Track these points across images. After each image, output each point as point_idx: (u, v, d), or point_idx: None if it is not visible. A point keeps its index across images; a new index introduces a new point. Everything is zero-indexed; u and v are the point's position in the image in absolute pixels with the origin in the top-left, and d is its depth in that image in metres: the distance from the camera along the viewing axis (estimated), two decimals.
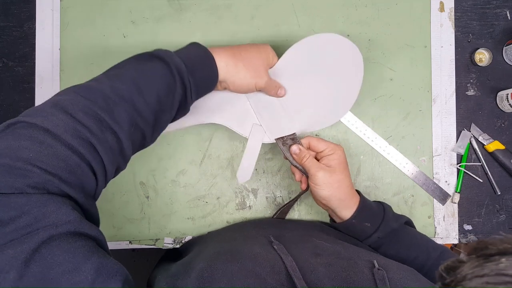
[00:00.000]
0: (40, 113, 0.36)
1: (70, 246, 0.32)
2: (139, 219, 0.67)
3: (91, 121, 0.37)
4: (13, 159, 0.33)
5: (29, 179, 0.32)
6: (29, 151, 0.33)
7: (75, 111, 0.36)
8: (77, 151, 0.35)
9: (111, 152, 0.38)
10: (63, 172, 0.34)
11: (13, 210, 0.31)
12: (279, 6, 0.68)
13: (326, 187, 0.54)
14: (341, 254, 0.46)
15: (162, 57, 0.44)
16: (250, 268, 0.41)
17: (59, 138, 0.35)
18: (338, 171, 0.55)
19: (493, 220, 0.69)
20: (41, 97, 0.66)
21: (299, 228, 0.57)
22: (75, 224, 0.33)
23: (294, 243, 0.49)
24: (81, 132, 0.36)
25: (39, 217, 0.31)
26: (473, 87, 0.69)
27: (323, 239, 0.51)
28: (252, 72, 0.53)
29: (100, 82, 0.41)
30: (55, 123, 0.35)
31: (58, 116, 0.36)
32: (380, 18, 0.68)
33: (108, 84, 0.40)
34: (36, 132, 0.34)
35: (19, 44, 0.67)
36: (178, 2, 0.67)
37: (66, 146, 0.35)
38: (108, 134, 0.38)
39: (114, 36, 0.67)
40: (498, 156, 0.68)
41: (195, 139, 0.67)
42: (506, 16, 0.69)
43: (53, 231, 0.31)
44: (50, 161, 0.34)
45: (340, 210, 0.56)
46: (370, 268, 0.42)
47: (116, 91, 0.40)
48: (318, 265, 0.43)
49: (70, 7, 0.67)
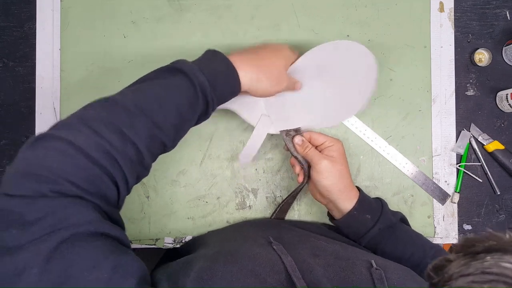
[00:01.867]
0: (66, 126, 0.39)
1: (89, 245, 0.34)
2: (139, 219, 0.67)
3: (112, 135, 0.39)
4: (40, 168, 0.36)
5: (53, 185, 0.35)
6: (53, 161, 0.36)
7: (98, 125, 0.39)
8: (98, 163, 0.38)
9: (132, 163, 0.41)
10: (83, 182, 0.37)
11: (39, 212, 0.34)
12: (279, 6, 0.68)
13: (329, 176, 0.56)
14: (340, 254, 0.46)
15: (186, 73, 0.45)
16: (249, 268, 0.41)
17: (82, 151, 0.37)
18: (339, 162, 0.57)
19: (492, 220, 0.69)
20: (41, 97, 0.67)
21: (298, 229, 0.58)
22: (95, 224, 0.35)
23: (293, 243, 0.49)
24: (103, 145, 0.38)
25: (62, 218, 0.34)
26: (473, 87, 0.69)
27: (322, 240, 0.52)
28: (273, 81, 0.54)
29: (124, 95, 0.43)
30: (79, 136, 0.38)
31: (82, 130, 0.38)
32: (380, 18, 0.68)
33: (131, 98, 0.43)
34: (61, 145, 0.37)
35: (19, 44, 0.67)
36: (178, 2, 0.68)
37: (87, 158, 0.37)
38: (129, 146, 0.40)
39: (114, 36, 0.67)
40: (497, 156, 0.68)
41: (195, 139, 0.67)
42: (506, 16, 0.69)
43: (74, 230, 0.33)
44: (72, 170, 0.37)
45: (340, 202, 0.57)
46: (368, 268, 0.43)
47: (138, 105, 0.42)
48: (317, 265, 0.43)
49: (71, 8, 0.67)
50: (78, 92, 0.67)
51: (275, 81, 0.54)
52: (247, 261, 0.42)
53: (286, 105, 0.61)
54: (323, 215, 0.67)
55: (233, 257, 0.43)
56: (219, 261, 0.42)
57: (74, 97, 0.67)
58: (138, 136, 0.41)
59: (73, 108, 0.68)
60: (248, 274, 0.40)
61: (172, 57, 0.67)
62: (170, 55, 0.67)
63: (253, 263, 0.42)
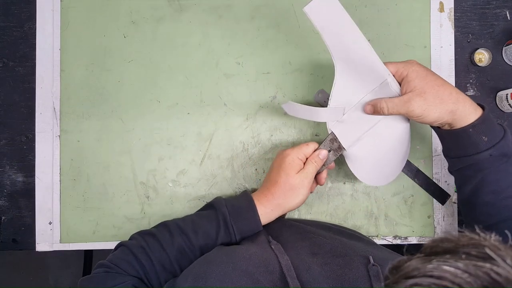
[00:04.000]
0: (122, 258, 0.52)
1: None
2: (140, 219, 0.67)
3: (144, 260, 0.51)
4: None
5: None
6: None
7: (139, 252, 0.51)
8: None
9: (163, 268, 0.51)
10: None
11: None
12: (279, 6, 0.68)
13: (430, 111, 0.49)
14: (338, 251, 0.47)
15: (213, 206, 0.57)
16: (243, 268, 0.42)
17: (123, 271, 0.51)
18: (427, 88, 0.49)
19: None
20: (41, 97, 0.67)
21: (298, 226, 0.58)
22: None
23: (291, 242, 0.50)
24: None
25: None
26: (473, 87, 0.69)
27: (322, 236, 0.52)
28: (289, 205, 0.56)
29: (173, 221, 0.56)
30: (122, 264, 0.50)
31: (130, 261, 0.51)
32: (380, 18, 0.68)
33: (175, 222, 0.55)
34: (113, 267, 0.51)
35: (19, 44, 0.67)
36: (178, 2, 0.68)
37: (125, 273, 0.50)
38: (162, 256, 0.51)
39: (115, 36, 0.67)
40: None
41: (195, 139, 0.67)
42: (506, 16, 0.69)
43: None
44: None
45: (457, 122, 0.50)
46: (366, 264, 0.43)
47: (178, 227, 0.54)
48: (314, 264, 0.44)
49: (71, 8, 0.67)
50: (78, 92, 0.67)
51: (290, 204, 0.56)
52: (242, 261, 0.43)
53: (358, 126, 0.56)
54: (323, 215, 0.67)
55: (228, 257, 0.44)
56: (215, 262, 0.44)
57: (74, 97, 0.67)
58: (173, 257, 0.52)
59: (73, 108, 0.68)
60: (242, 274, 0.41)
61: (172, 57, 0.68)
62: (170, 55, 0.67)
63: (247, 263, 0.43)
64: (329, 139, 0.58)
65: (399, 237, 0.68)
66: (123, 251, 0.51)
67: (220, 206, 0.55)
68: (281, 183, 0.56)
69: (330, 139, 0.58)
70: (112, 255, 0.52)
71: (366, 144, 0.57)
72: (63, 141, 0.67)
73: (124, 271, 0.49)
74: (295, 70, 0.68)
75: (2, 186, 0.68)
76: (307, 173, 0.55)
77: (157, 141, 0.67)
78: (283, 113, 0.67)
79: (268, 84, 0.68)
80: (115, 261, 0.50)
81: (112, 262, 0.50)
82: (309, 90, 0.67)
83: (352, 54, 0.52)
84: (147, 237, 0.53)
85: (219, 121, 0.67)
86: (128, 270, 0.49)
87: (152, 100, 0.67)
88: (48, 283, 1.47)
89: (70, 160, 0.67)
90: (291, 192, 0.55)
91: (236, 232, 0.53)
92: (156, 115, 0.67)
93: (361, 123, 0.56)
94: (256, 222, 0.55)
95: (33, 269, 1.47)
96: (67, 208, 0.66)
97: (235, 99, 0.67)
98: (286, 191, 0.55)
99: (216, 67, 0.67)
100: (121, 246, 0.53)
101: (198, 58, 0.67)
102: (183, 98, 0.67)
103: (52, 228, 0.66)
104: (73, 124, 0.67)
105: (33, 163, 0.67)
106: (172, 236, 0.52)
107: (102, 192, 0.67)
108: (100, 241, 0.66)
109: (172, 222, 0.55)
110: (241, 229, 0.54)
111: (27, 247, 0.67)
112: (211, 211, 0.56)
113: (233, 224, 0.53)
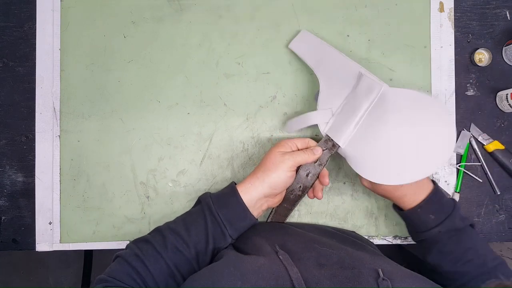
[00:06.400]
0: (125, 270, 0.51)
1: None
2: (140, 219, 0.67)
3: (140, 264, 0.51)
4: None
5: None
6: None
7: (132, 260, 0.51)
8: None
9: (160, 272, 0.51)
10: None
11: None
12: (279, 6, 0.68)
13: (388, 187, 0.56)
14: (345, 263, 0.46)
15: (200, 201, 0.57)
16: (253, 282, 0.41)
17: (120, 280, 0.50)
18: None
19: (492, 220, 0.69)
20: (41, 97, 0.67)
21: (301, 234, 0.57)
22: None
23: (297, 252, 0.49)
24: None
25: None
26: (473, 87, 0.69)
27: (327, 245, 0.51)
28: (268, 179, 0.56)
29: (165, 224, 0.56)
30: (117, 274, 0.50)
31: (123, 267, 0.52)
32: (380, 18, 0.68)
33: (167, 225, 0.56)
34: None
35: (19, 44, 0.67)
36: (178, 2, 0.68)
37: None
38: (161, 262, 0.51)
39: (115, 36, 0.67)
40: (497, 156, 0.68)
41: (195, 139, 0.67)
42: (506, 16, 0.70)
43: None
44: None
45: (405, 200, 0.57)
46: (375, 277, 0.42)
47: (170, 228, 0.54)
48: (323, 277, 0.43)
49: (71, 7, 0.67)
50: (78, 92, 0.67)
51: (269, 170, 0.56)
52: (251, 274, 0.43)
53: (349, 121, 0.58)
54: (323, 215, 0.67)
55: (236, 269, 0.44)
56: (223, 273, 0.43)
57: (74, 97, 0.67)
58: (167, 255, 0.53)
59: (73, 108, 0.68)
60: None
61: (172, 57, 0.68)
62: (170, 55, 0.67)
63: (257, 277, 0.42)
64: (323, 140, 0.60)
65: (399, 237, 0.68)
66: (119, 263, 0.51)
67: (205, 198, 0.56)
68: (264, 158, 0.57)
69: (325, 140, 0.60)
70: (109, 268, 0.52)
71: (359, 139, 0.58)
72: (63, 141, 0.67)
73: (123, 283, 0.49)
74: (295, 70, 0.68)
75: (2, 186, 0.68)
76: (293, 156, 0.56)
77: (157, 141, 0.67)
78: (283, 113, 0.67)
79: (268, 84, 0.68)
80: (112, 274, 0.50)
81: (109, 275, 0.50)
82: (309, 90, 0.67)
83: (330, 66, 0.62)
84: (140, 244, 0.53)
85: (219, 121, 0.67)
86: (126, 281, 0.49)
87: (152, 100, 0.67)
88: (48, 283, 1.47)
89: (70, 160, 0.67)
90: (271, 165, 0.55)
91: (224, 221, 0.53)
92: (156, 115, 0.67)
93: (348, 120, 0.58)
94: (241, 205, 0.54)
95: (33, 269, 1.47)
96: (67, 208, 0.66)
97: (235, 99, 0.67)
98: (266, 164, 0.56)
99: (216, 67, 0.68)
100: (117, 258, 0.53)
101: (198, 58, 0.67)
102: (183, 98, 0.67)
103: (52, 228, 0.66)
104: (73, 124, 0.67)
105: (33, 163, 0.67)
106: (164, 238, 0.52)
107: (102, 192, 0.67)
108: (100, 241, 0.66)
109: (164, 225, 0.56)
110: (228, 217, 0.54)
111: (27, 247, 0.67)
112: (199, 206, 0.57)
113: (218, 212, 0.53)
